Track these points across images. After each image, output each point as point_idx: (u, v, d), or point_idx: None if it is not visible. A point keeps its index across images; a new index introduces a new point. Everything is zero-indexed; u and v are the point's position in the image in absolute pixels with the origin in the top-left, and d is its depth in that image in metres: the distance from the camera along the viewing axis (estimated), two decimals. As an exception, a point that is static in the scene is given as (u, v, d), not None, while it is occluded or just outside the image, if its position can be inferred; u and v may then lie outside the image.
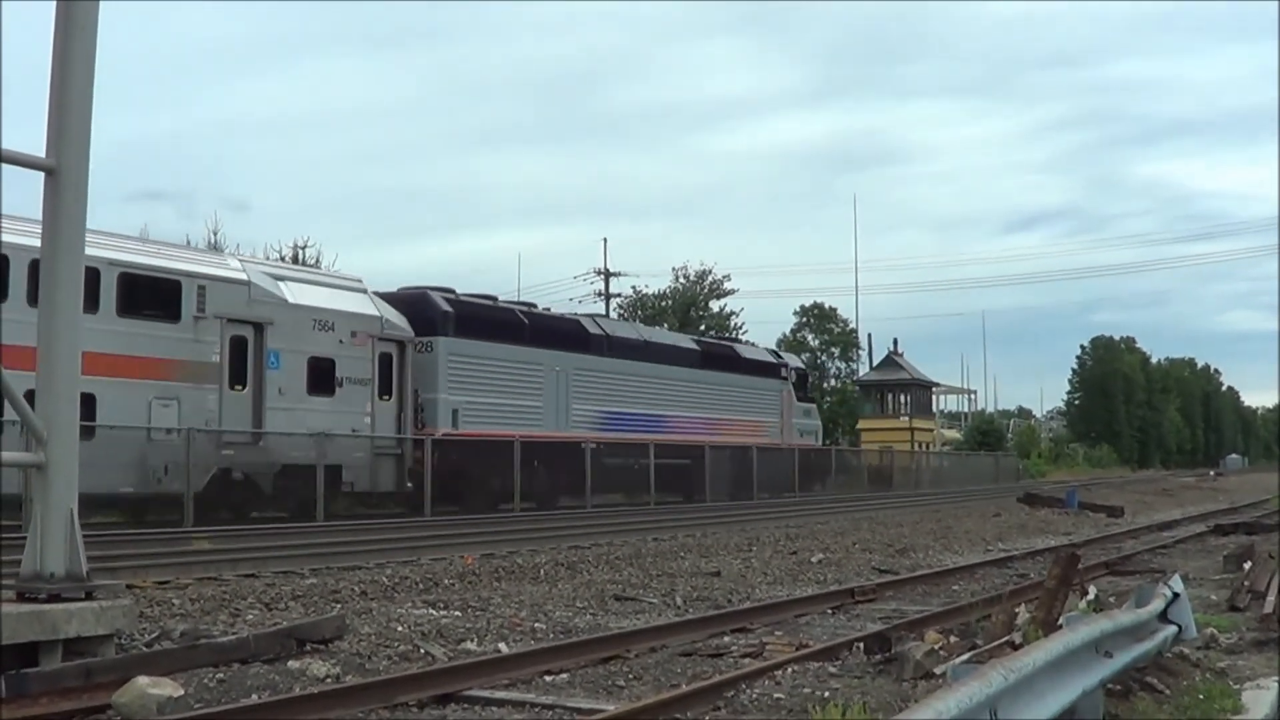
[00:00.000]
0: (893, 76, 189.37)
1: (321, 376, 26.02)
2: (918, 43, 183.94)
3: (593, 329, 35.28)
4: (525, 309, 34.19)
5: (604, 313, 66.08)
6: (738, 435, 40.48)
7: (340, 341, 26.45)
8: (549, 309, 36.57)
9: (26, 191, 9.63)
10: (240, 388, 24.52)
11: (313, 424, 25.18)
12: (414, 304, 29.24)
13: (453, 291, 31.15)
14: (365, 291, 28.42)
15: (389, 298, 28.99)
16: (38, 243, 9.08)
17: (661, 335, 40.90)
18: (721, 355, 41.85)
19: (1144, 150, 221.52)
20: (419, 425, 28.00)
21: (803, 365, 50.61)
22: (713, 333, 56.11)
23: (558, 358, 32.53)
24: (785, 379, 44.29)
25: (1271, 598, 12.03)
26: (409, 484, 27.50)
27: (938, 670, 8.16)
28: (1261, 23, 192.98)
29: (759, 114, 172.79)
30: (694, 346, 40.54)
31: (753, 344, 51.06)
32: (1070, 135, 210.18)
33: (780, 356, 46.81)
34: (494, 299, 33.43)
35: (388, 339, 27.71)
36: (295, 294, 25.98)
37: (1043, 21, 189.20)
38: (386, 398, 27.58)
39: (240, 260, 26.93)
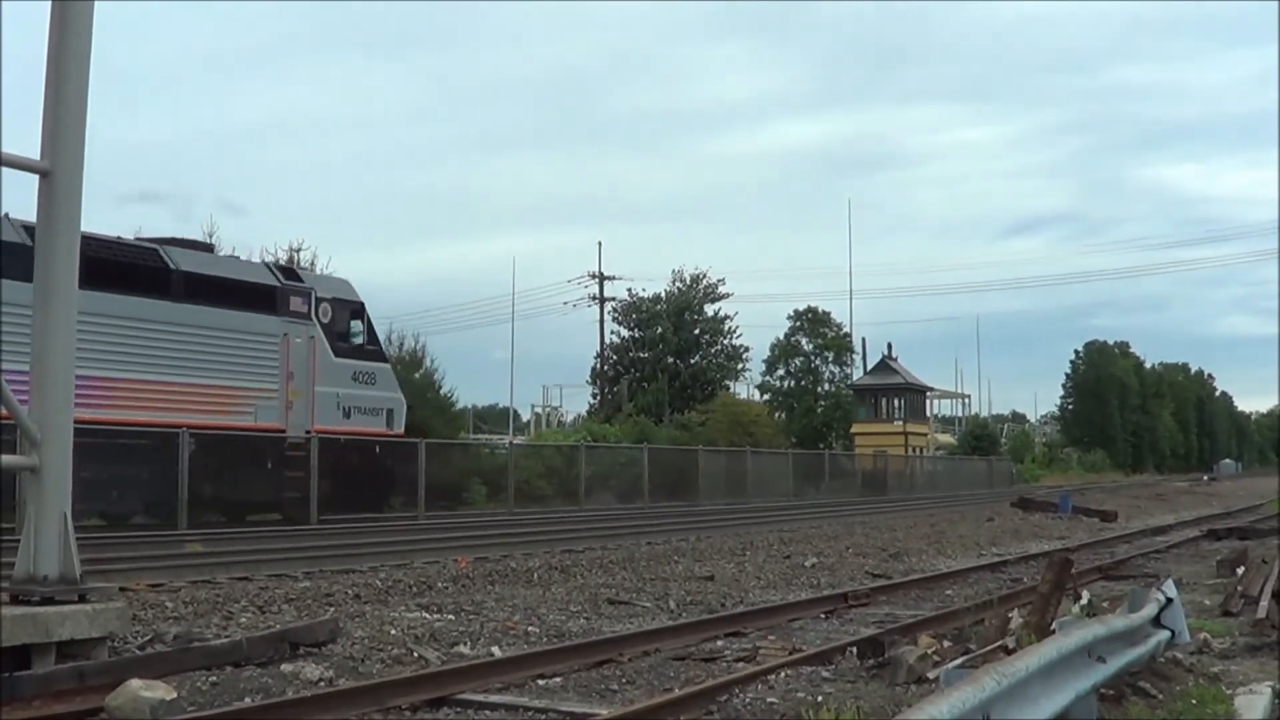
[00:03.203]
0: (892, 80, 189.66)
1: None
2: (917, 47, 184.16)
3: None
4: None
5: (598, 318, 66.03)
6: (153, 407, 22.95)
7: None
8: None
9: (21, 193, 9.63)
10: None
11: None
12: None
13: None
14: None
15: None
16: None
17: None
18: (113, 264, 22.30)
19: (1144, 155, 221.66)
20: None
21: (357, 298, 28.52)
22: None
23: None
24: (304, 317, 26.27)
25: (1265, 603, 12.04)
26: None
27: (931, 675, 8.17)
28: (1261, 27, 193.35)
29: (757, 117, 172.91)
30: (17, 239, 18.85)
31: (234, 257, 29.54)
32: (1070, 140, 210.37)
33: (297, 278, 27.42)
34: None
35: None
36: None
37: (1043, 25, 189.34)
38: None
39: None
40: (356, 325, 27.90)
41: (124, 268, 22.80)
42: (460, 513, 31.01)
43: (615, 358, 68.62)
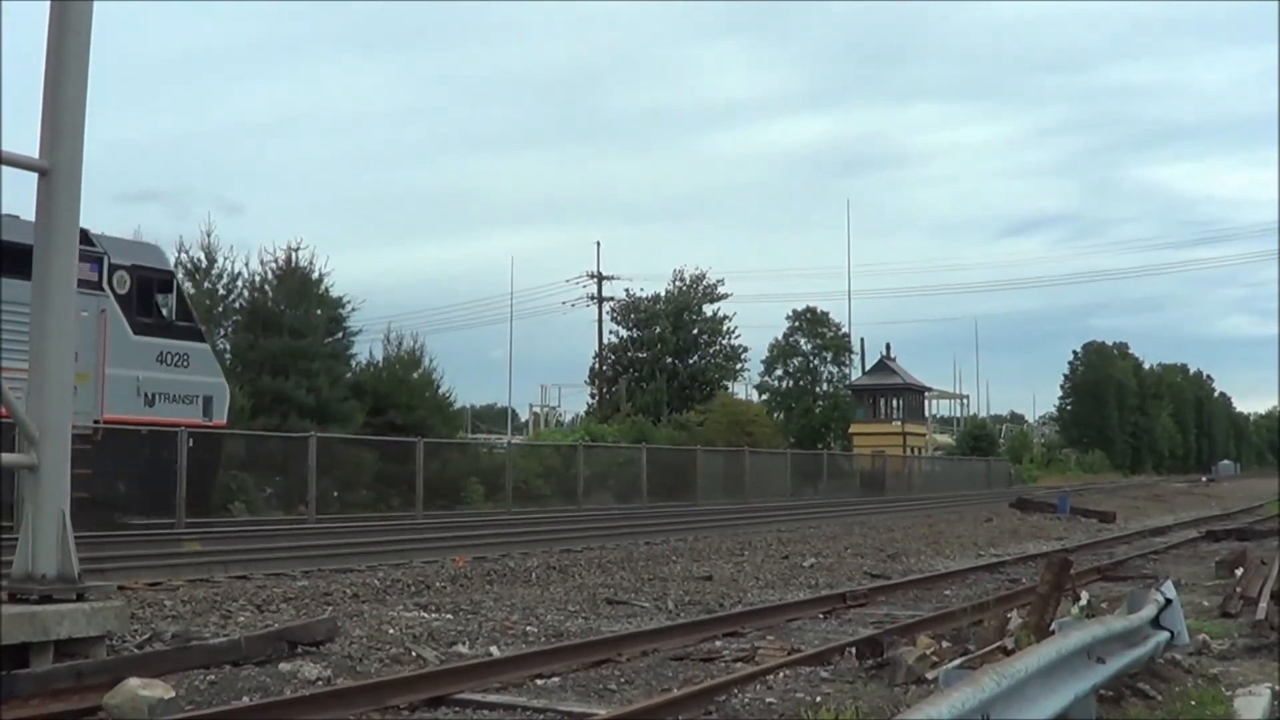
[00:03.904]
0: (891, 80, 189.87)
1: None
2: (916, 46, 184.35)
3: None
4: None
5: (597, 318, 66.05)
6: None
7: None
8: None
9: (20, 191, 9.63)
10: None
11: None
12: None
13: None
14: None
15: None
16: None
17: None
18: None
19: (1143, 155, 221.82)
20: None
21: (166, 266, 25.13)
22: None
23: None
24: (94, 287, 21.58)
25: (1264, 604, 12.04)
26: None
27: (930, 675, 8.16)
28: (1261, 27, 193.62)
29: (756, 117, 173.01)
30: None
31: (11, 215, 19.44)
32: (1069, 140, 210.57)
33: (87, 241, 19.45)
34: None
35: None
36: None
37: (1042, 25, 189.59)
38: None
39: None
40: (164, 298, 23.87)
41: None
42: (458, 512, 30.98)
43: (613, 357, 68.63)
